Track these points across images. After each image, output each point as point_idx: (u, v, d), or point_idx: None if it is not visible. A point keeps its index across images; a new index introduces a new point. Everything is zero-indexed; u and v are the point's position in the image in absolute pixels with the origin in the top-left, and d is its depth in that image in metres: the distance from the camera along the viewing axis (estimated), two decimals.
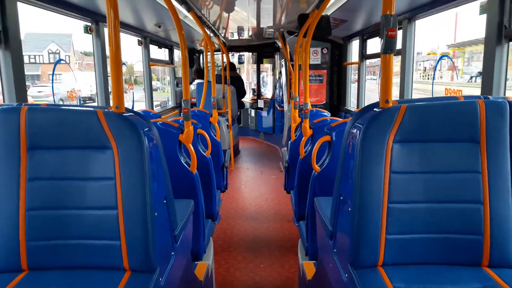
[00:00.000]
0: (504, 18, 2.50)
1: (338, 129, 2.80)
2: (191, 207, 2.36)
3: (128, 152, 1.64)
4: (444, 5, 3.35)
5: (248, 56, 12.01)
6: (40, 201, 1.67)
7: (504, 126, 1.64)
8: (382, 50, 1.67)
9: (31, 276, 1.65)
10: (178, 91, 8.01)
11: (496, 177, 1.64)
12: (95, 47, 4.00)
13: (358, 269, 1.66)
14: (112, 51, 1.75)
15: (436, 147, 1.66)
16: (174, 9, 2.72)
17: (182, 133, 2.76)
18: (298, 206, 3.53)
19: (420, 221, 1.67)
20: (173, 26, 5.32)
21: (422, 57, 16.14)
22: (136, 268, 1.67)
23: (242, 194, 6.03)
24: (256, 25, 6.29)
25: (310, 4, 4.07)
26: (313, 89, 6.82)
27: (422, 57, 16.07)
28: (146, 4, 4.16)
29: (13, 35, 2.52)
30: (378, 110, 1.68)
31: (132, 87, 5.83)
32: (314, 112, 4.44)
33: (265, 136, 10.21)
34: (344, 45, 6.51)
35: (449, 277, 1.60)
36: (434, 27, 4.75)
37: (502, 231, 1.64)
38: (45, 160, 1.67)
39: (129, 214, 1.65)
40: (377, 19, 4.68)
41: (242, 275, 3.55)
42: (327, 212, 2.07)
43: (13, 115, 1.66)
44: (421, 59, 16.18)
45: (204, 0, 3.99)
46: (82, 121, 1.67)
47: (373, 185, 1.64)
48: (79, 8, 3.58)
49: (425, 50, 23.53)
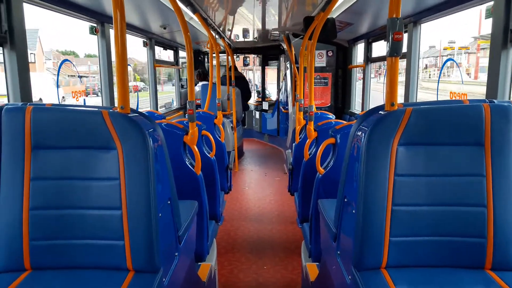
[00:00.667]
0: (510, 22, 2.50)
1: (343, 132, 2.80)
2: (195, 208, 2.36)
3: (133, 153, 1.65)
4: (450, 9, 3.35)
5: (253, 58, 12.03)
6: (44, 201, 1.67)
7: (509, 130, 1.63)
8: (388, 53, 1.67)
9: (34, 275, 1.66)
10: (183, 93, 8.03)
11: (500, 181, 1.64)
12: (100, 48, 4.02)
13: (361, 271, 1.66)
14: (118, 52, 1.76)
15: (440, 150, 1.66)
16: (180, 11, 2.73)
17: (187, 134, 2.77)
18: (302, 208, 3.53)
19: (424, 223, 1.66)
20: (178, 28, 5.33)
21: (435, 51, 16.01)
22: (140, 269, 1.68)
23: (246, 195, 6.03)
24: (262, 27, 6.30)
25: (315, 6, 4.07)
26: (318, 92, 6.82)
27: (433, 52, 15.95)
28: (152, 6, 4.18)
29: (19, 36, 2.54)
30: (383, 113, 1.68)
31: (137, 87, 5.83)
32: (319, 114, 4.45)
33: (270, 138, 10.21)
34: (349, 48, 6.50)
35: (452, 279, 1.60)
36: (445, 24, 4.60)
37: (505, 234, 1.64)
38: (49, 159, 1.68)
39: (133, 214, 1.65)
40: (383, 22, 4.68)
41: (246, 277, 3.55)
42: (331, 214, 2.07)
43: (18, 114, 1.66)
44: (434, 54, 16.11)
45: (210, 2, 4.00)
46: (87, 121, 1.67)
47: (377, 187, 1.64)
48: (85, 9, 3.60)
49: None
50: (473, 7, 3.12)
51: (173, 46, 7.29)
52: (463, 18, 15.44)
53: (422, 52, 3.97)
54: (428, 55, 32.83)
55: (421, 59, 4.00)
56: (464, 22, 21.08)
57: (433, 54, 33.36)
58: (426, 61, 32.43)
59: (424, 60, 31.32)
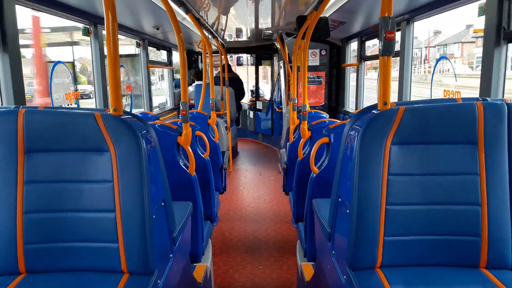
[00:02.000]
0: (502, 19, 2.51)
1: (337, 131, 2.81)
2: (190, 209, 2.36)
3: (126, 155, 1.64)
4: (442, 7, 3.36)
5: (247, 57, 12.02)
6: (38, 204, 1.66)
7: (502, 128, 1.64)
8: (380, 52, 1.67)
9: (29, 279, 1.65)
10: (176, 93, 8.01)
11: (494, 179, 1.64)
12: (93, 49, 4.01)
13: (356, 271, 1.66)
14: (110, 53, 1.75)
15: (434, 149, 1.66)
16: (172, 11, 2.72)
17: (181, 135, 2.76)
18: (297, 207, 3.53)
19: (418, 222, 1.67)
20: (171, 28, 5.32)
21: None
22: (134, 271, 1.67)
23: (240, 195, 6.03)
24: (255, 27, 6.30)
25: (308, 6, 4.07)
26: (312, 91, 6.82)
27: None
28: (145, 6, 4.16)
29: (11, 38, 2.52)
30: (376, 112, 1.68)
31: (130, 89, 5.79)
32: (313, 113, 4.45)
33: (264, 138, 10.21)
34: (343, 47, 6.52)
35: (447, 278, 1.60)
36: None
37: (499, 233, 1.65)
38: (42, 162, 1.67)
39: (127, 216, 1.64)
40: (376, 21, 4.69)
41: (241, 277, 3.55)
42: (325, 214, 2.07)
43: (11, 117, 1.65)
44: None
45: (202, 2, 3.99)
46: (80, 123, 1.66)
47: (371, 187, 1.64)
48: (78, 10, 3.58)
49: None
50: (466, 4, 3.13)
51: (166, 47, 7.27)
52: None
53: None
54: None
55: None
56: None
57: (417, 45, 32.81)
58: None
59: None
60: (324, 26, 3.88)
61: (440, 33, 34.00)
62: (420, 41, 31.42)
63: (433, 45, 30.12)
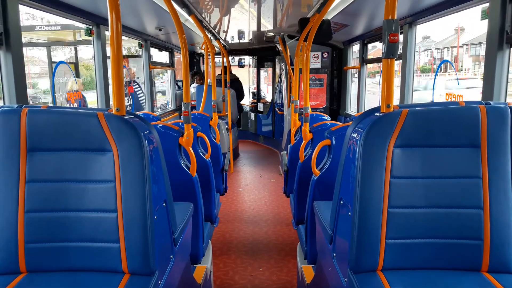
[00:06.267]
0: (505, 23, 2.50)
1: (338, 133, 2.80)
2: (191, 210, 2.36)
3: (128, 155, 1.64)
4: (445, 10, 3.35)
5: (248, 59, 12.02)
6: (39, 203, 1.66)
7: (505, 131, 1.64)
8: (384, 54, 1.67)
9: (30, 278, 1.64)
10: (178, 94, 8.01)
11: (497, 183, 1.64)
12: (96, 50, 4.01)
13: (357, 274, 1.65)
14: (113, 53, 1.75)
15: (436, 152, 1.66)
16: (175, 13, 2.72)
17: (182, 136, 2.76)
18: (297, 209, 3.53)
19: (420, 226, 1.66)
20: (173, 29, 5.32)
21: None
22: (135, 271, 1.67)
23: (241, 197, 6.02)
24: (257, 29, 6.30)
25: (311, 8, 4.08)
26: (313, 93, 6.82)
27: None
28: (148, 8, 4.16)
29: (14, 37, 2.52)
30: (379, 115, 1.68)
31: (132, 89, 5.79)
32: (314, 116, 4.44)
33: (265, 140, 10.21)
34: (345, 49, 6.51)
35: (449, 282, 1.60)
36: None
37: (502, 237, 1.64)
38: (44, 162, 1.67)
39: (128, 216, 1.64)
40: (378, 24, 4.69)
41: (241, 279, 3.54)
42: (326, 216, 2.07)
43: (14, 116, 1.65)
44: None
45: (205, 4, 4.00)
46: (83, 123, 1.66)
47: (373, 189, 1.64)
48: (81, 11, 3.58)
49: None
50: (469, 8, 3.13)
51: (169, 48, 7.28)
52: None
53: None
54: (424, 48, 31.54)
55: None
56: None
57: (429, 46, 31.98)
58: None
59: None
60: (327, 28, 3.89)
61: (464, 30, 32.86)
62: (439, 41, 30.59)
63: (461, 45, 29.60)
